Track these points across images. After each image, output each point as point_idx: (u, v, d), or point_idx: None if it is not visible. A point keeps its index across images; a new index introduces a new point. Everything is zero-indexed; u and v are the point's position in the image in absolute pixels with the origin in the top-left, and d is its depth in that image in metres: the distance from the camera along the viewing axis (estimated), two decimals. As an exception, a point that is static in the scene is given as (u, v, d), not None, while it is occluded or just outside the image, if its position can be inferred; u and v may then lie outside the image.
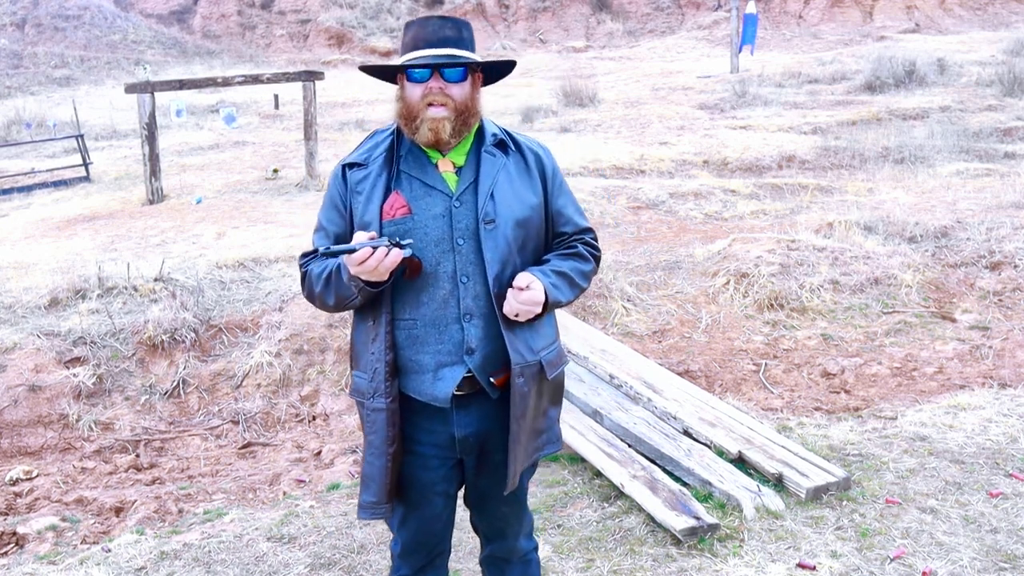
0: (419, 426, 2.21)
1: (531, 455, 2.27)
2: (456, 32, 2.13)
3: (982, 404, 4.56)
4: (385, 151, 2.19)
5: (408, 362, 2.16)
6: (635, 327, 6.04)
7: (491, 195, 2.14)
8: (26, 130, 17.75)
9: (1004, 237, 6.82)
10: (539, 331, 2.21)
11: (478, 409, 2.19)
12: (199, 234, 8.54)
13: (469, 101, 2.13)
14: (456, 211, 2.13)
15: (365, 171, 2.18)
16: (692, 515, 3.35)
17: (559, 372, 2.28)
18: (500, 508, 2.37)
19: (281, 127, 16.49)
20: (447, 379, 2.14)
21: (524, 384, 2.14)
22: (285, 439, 5.11)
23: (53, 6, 30.79)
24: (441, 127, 2.09)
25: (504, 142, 2.22)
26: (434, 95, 2.08)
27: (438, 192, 2.14)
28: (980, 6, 28.74)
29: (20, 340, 5.61)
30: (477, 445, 2.23)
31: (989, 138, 11.98)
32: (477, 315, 2.13)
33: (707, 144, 12.11)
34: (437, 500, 2.28)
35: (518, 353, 2.13)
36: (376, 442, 2.16)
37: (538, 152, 2.26)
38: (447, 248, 2.13)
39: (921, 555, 3.17)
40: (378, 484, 2.18)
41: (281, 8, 33.12)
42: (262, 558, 3.43)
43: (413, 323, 2.14)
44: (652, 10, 31.52)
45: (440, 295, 2.13)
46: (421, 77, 2.09)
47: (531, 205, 2.18)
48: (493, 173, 2.16)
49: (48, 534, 3.95)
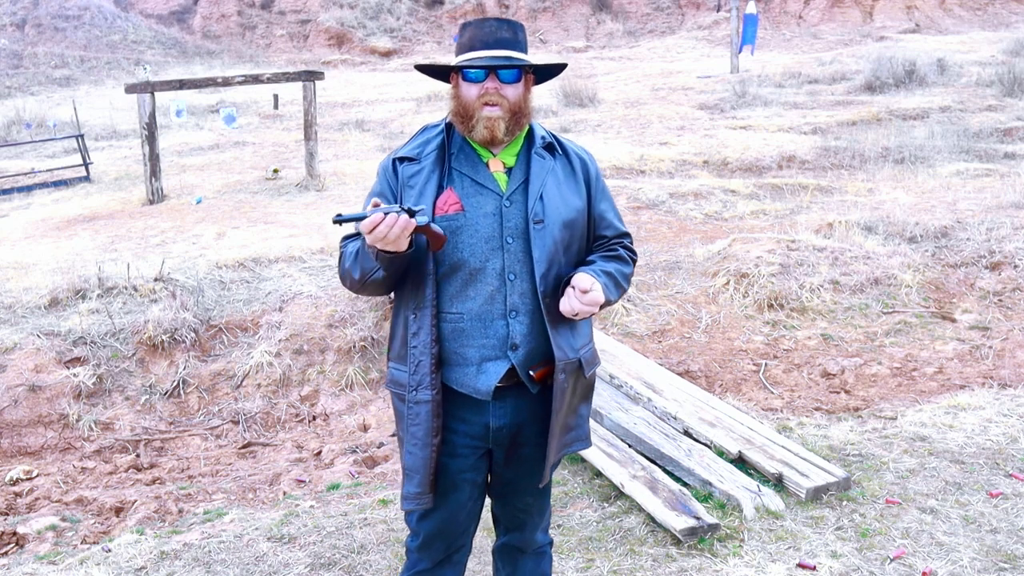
0: (455, 416, 2.25)
1: (560, 450, 2.33)
2: (512, 34, 2.19)
3: (982, 404, 4.56)
4: (437, 148, 2.23)
5: (452, 355, 2.21)
6: (635, 327, 6.04)
7: (540, 196, 2.20)
8: (26, 130, 17.75)
9: (1004, 237, 6.82)
10: (580, 330, 2.28)
11: (514, 401, 2.25)
12: (199, 234, 8.54)
13: (522, 102, 2.20)
14: (506, 210, 2.19)
15: (418, 166, 2.22)
16: (692, 515, 3.35)
17: (594, 371, 2.36)
18: (524, 499, 2.42)
19: (281, 127, 16.49)
20: (491, 373, 2.19)
21: (565, 380, 2.21)
22: (285, 439, 5.11)
23: (53, 6, 30.79)
24: (496, 125, 2.16)
25: (552, 145, 2.29)
26: (490, 95, 2.15)
27: (489, 191, 2.20)
28: (980, 6, 28.74)
29: (20, 340, 5.61)
30: (509, 437, 2.28)
31: (989, 138, 11.98)
32: (523, 312, 2.19)
33: (707, 144, 12.11)
34: (464, 488, 2.32)
35: (561, 350, 2.19)
36: (419, 433, 2.20)
37: (583, 157, 2.33)
38: (496, 246, 2.18)
39: (921, 555, 3.17)
40: (422, 475, 2.22)
41: (281, 8, 33.13)
42: (262, 558, 3.43)
43: (460, 317, 2.19)
44: (652, 10, 31.52)
45: (487, 291, 2.18)
46: (477, 77, 2.16)
47: (576, 208, 2.25)
48: (542, 175, 2.22)
49: (48, 534, 3.94)
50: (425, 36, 32.09)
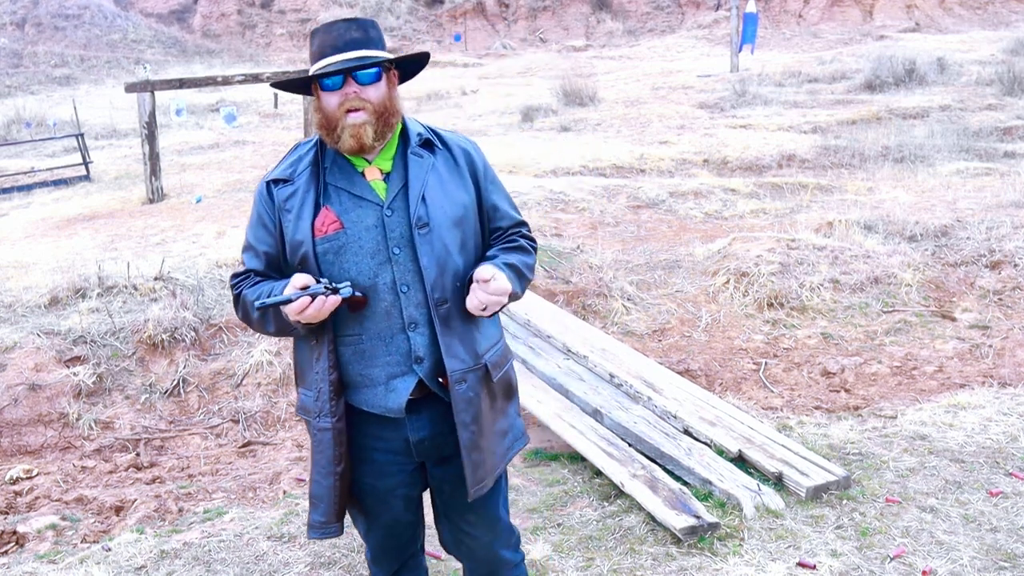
0: (372, 435, 2.17)
1: (503, 457, 2.22)
2: (363, 33, 2.05)
3: (982, 403, 4.56)
4: (310, 164, 2.10)
5: (358, 376, 2.12)
6: (635, 326, 6.04)
7: (422, 198, 2.07)
8: (26, 129, 17.75)
9: (1004, 236, 6.82)
10: (484, 332, 2.16)
11: (429, 412, 2.14)
12: (199, 233, 8.54)
13: (388, 101, 2.06)
14: (388, 220, 2.06)
15: (292, 187, 2.09)
16: (692, 514, 3.35)
17: (504, 372, 2.23)
18: (466, 516, 2.28)
19: (281, 126, 16.49)
20: (400, 390, 2.10)
21: (468, 389, 2.09)
22: (285, 438, 5.11)
23: (53, 5, 30.80)
24: (363, 132, 2.02)
25: (430, 141, 2.15)
26: (351, 100, 2.01)
27: (368, 202, 2.07)
28: (980, 5, 28.75)
29: (20, 339, 5.61)
30: (433, 448, 2.18)
31: (989, 137, 11.98)
32: (422, 323, 2.08)
33: (707, 143, 12.11)
34: (397, 504, 2.24)
35: (458, 359, 2.08)
36: (323, 461, 2.12)
37: (467, 148, 2.19)
38: (383, 259, 2.06)
39: (921, 554, 3.17)
40: (327, 503, 2.14)
41: (281, 7, 33.13)
42: (262, 557, 3.43)
43: (359, 338, 2.09)
44: (652, 9, 31.53)
45: (383, 307, 2.07)
46: (334, 85, 2.03)
47: (463, 203, 2.12)
48: (422, 175, 2.09)
49: (48, 533, 3.94)
50: (425, 35, 32.11)
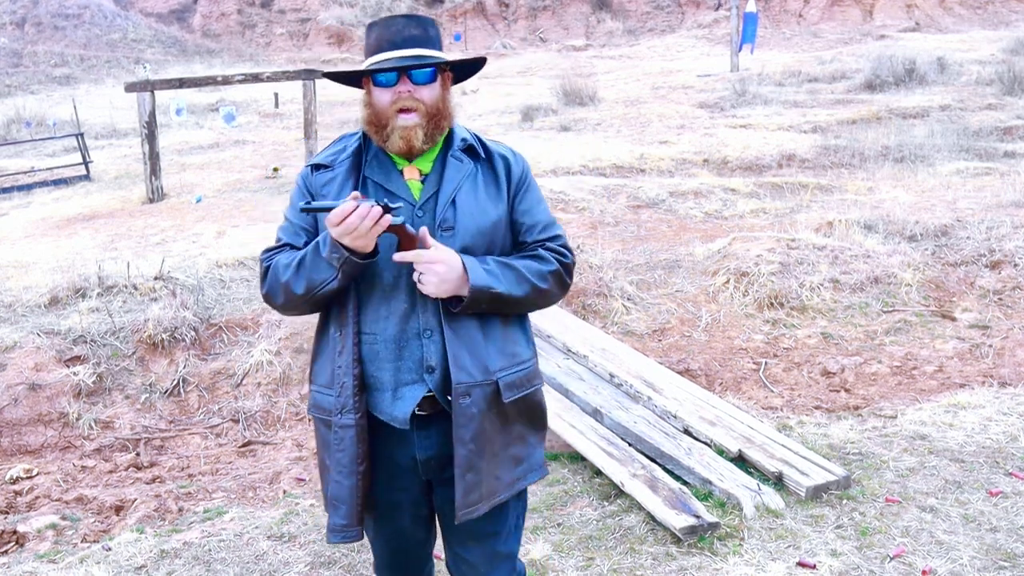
0: (381, 446, 2.10)
1: (509, 486, 2.11)
2: (422, 31, 2.00)
3: (982, 403, 4.56)
4: (352, 155, 2.08)
5: (370, 378, 2.05)
6: (635, 326, 6.04)
7: (452, 202, 2.02)
8: (26, 129, 17.75)
9: (1004, 236, 6.82)
10: (503, 349, 2.06)
11: (438, 431, 2.05)
12: (199, 233, 8.54)
13: (440, 103, 2.02)
14: (418, 221, 2.02)
15: (331, 173, 2.08)
16: (692, 514, 3.35)
17: (523, 395, 2.09)
18: (465, 543, 2.18)
19: (281, 126, 16.49)
20: (407, 399, 2.02)
21: (471, 405, 1.98)
22: (285, 438, 5.11)
23: (53, 5, 30.80)
24: (413, 135, 1.99)
25: (473, 148, 2.10)
26: (403, 99, 1.97)
27: (402, 201, 2.03)
28: (980, 5, 28.74)
29: (20, 339, 5.61)
30: (440, 469, 2.09)
31: (989, 137, 11.98)
32: (436, 331, 2.01)
33: (707, 143, 12.11)
34: (404, 517, 2.19)
35: (463, 372, 1.98)
36: (344, 460, 2.04)
37: (507, 156, 2.13)
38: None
39: (921, 554, 3.17)
40: (349, 505, 2.05)
41: (281, 7, 33.13)
42: (262, 556, 3.43)
43: (374, 337, 2.04)
44: (652, 9, 31.52)
45: (402, 308, 2.02)
46: (388, 81, 1.98)
47: (493, 219, 2.06)
48: (457, 179, 2.05)
49: (48, 532, 3.95)
50: (425, 35, 32.01)
